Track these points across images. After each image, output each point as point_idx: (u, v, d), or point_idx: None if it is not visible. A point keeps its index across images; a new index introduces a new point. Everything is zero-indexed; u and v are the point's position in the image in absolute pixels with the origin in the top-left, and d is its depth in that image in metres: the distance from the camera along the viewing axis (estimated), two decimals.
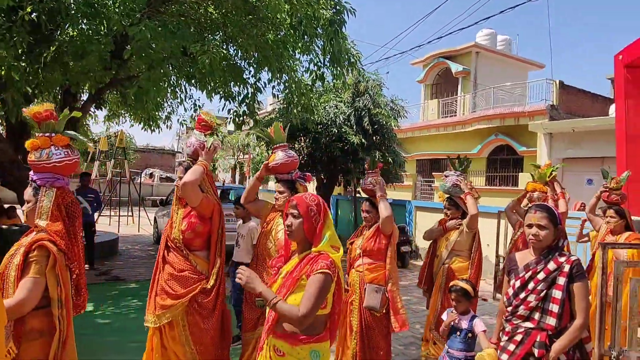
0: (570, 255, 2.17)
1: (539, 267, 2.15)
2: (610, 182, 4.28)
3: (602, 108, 14.74)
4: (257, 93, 6.49)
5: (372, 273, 3.26)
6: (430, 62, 19.07)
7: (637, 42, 5.42)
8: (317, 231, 1.88)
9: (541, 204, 2.31)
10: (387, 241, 3.27)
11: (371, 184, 3.47)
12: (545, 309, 2.11)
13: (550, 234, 2.15)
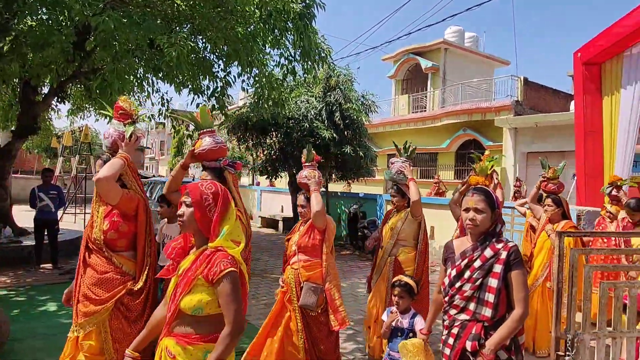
0: (508, 241, 2.04)
1: (475, 254, 2.03)
2: (548, 172, 4.40)
3: (563, 104, 15.33)
4: (226, 87, 6.41)
5: (308, 271, 3.10)
6: (401, 58, 19.31)
7: (594, 40, 5.67)
8: (212, 223, 1.71)
9: (479, 187, 2.21)
10: (322, 237, 3.12)
11: (306, 178, 3.27)
12: (481, 299, 1.99)
13: (488, 218, 2.02)
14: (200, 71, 6.02)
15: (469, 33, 19.96)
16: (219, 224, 1.72)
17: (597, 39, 5.61)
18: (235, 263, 1.67)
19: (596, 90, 5.90)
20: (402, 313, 2.95)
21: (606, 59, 5.70)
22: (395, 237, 3.67)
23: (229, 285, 1.63)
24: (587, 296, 2.48)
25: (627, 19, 4.98)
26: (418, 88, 19.09)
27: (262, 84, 6.49)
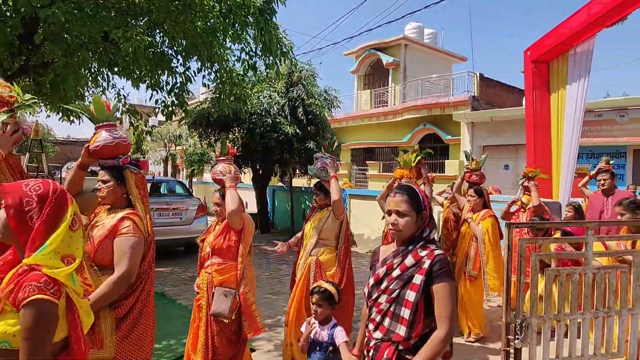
0: (435, 248, 1.76)
1: (395, 262, 1.75)
2: (471, 164, 4.62)
3: (517, 99, 16.02)
4: (186, 82, 6.28)
5: (222, 275, 2.87)
6: (362, 53, 19.52)
7: (542, 39, 5.98)
8: (33, 233, 1.33)
9: (403, 185, 1.90)
10: (238, 237, 2.89)
11: (220, 173, 3.03)
12: (396, 314, 1.70)
13: (412, 222, 1.75)
14: (159, 66, 5.86)
15: (428, 29, 20.44)
16: (41, 235, 1.33)
17: (544, 39, 5.91)
18: (48, 289, 1.28)
19: (544, 87, 6.23)
20: (322, 323, 2.68)
21: (553, 58, 6.02)
22: (316, 237, 3.46)
23: (28, 317, 1.26)
24: (534, 283, 2.65)
25: (571, 21, 5.28)
26: (380, 83, 19.38)
27: (223, 79, 6.40)
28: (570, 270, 2.75)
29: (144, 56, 4.97)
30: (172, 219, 7.95)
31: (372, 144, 17.57)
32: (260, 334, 2.96)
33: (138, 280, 2.28)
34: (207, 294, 2.87)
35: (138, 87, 6.00)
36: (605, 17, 4.75)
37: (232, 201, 2.82)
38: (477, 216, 4.35)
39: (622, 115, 10.83)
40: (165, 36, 5.96)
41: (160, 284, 6.37)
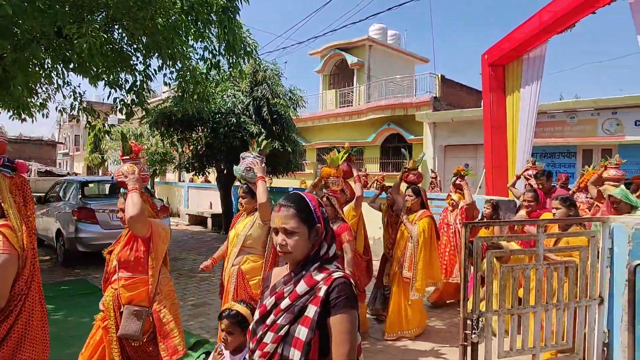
0: (335, 269, 1.41)
1: (286, 290, 1.41)
2: (408, 163, 4.63)
3: (477, 100, 16.59)
4: (146, 81, 6.10)
5: (130, 291, 2.56)
6: (327, 53, 19.63)
7: (498, 44, 6.22)
8: None
9: (291, 195, 1.49)
10: (147, 247, 2.58)
11: (123, 175, 2.73)
12: (285, 357, 1.35)
13: (304, 240, 1.40)
14: (117, 64, 5.66)
15: (392, 31, 20.80)
16: None
17: (500, 43, 6.16)
18: None
19: (500, 89, 6.49)
20: (234, 352, 2.24)
21: (509, 61, 6.29)
22: (240, 244, 3.16)
23: None
24: (490, 279, 2.77)
25: (525, 27, 5.53)
26: (344, 83, 19.55)
27: (186, 78, 6.27)
28: (523, 267, 2.89)
29: (100, 53, 4.78)
30: None
31: (337, 143, 17.66)
32: (180, 356, 2.56)
33: (12, 303, 2.01)
34: (114, 313, 2.57)
35: (96, 85, 5.77)
36: (554, 25, 5.01)
37: (132, 206, 2.48)
38: (413, 216, 4.30)
39: (572, 117, 11.44)
40: (124, 33, 5.77)
41: None
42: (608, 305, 3.08)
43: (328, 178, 3.94)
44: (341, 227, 3.71)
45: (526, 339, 2.93)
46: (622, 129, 10.66)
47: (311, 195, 1.53)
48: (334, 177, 3.92)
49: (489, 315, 2.77)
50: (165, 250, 2.69)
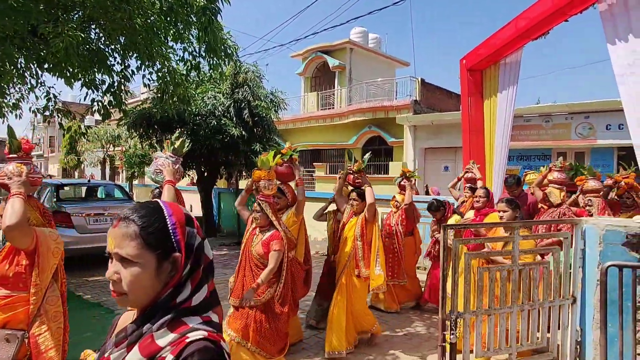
0: (194, 328, 0.92)
1: (113, 356, 0.94)
2: (353, 166, 4.36)
3: (456, 104, 16.87)
4: (124, 81, 6.00)
5: (6, 312, 2.22)
6: (309, 56, 19.67)
7: (476, 49, 6.34)
8: None
9: (143, 203, 1.04)
10: (31, 261, 2.25)
11: (6, 176, 2.37)
12: None
13: (148, 274, 0.93)
14: (94, 64, 5.55)
15: (373, 34, 20.97)
16: None
17: (478, 48, 6.27)
18: None
19: (478, 94, 6.60)
20: None
21: (486, 66, 6.41)
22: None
23: None
24: (467, 280, 2.82)
25: (502, 32, 5.65)
26: (326, 86, 19.61)
27: (165, 79, 6.19)
28: (499, 268, 2.95)
29: (77, 53, 4.68)
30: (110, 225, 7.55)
31: (319, 145, 17.75)
32: None
33: None
34: None
35: (71, 85, 5.64)
36: (530, 31, 5.13)
37: (11, 213, 2.13)
38: (356, 220, 4.12)
39: (547, 121, 11.74)
40: (101, 32, 5.66)
41: (97, 294, 6.05)
42: (580, 304, 3.18)
43: (259, 182, 3.53)
44: (272, 235, 3.40)
45: (502, 339, 3.00)
46: (594, 133, 11.00)
47: (175, 206, 1.02)
48: (265, 180, 3.54)
49: (467, 316, 2.82)
50: (56, 264, 2.36)
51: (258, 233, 3.50)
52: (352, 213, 4.24)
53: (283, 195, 4.14)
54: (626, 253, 2.95)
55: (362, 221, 4.09)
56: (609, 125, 10.69)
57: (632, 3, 3.65)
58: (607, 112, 10.60)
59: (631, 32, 3.63)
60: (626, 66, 3.66)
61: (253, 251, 3.44)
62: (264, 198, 3.48)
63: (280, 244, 3.35)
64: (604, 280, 2.53)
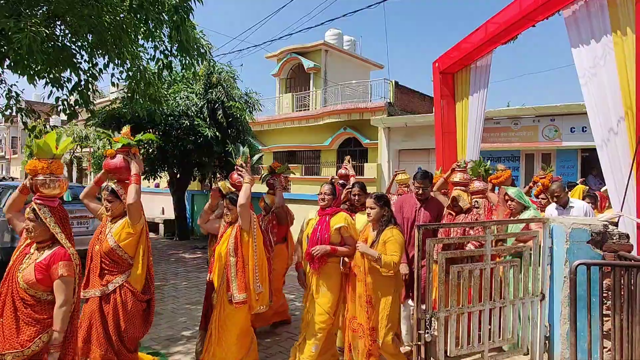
0: None
1: None
2: (239, 159, 3.81)
3: (429, 106, 17.17)
4: (92, 80, 5.81)
5: None
6: (284, 57, 19.62)
7: (448, 52, 6.46)
8: None
9: None
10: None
11: None
12: None
13: None
14: (59, 61, 5.35)
15: (347, 36, 21.11)
16: None
17: (450, 52, 6.40)
18: None
19: (450, 96, 6.74)
20: None
21: (458, 69, 6.55)
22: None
23: None
24: (442, 279, 2.86)
25: (473, 36, 5.79)
26: (301, 87, 19.61)
27: (136, 78, 6.02)
28: (472, 267, 3.01)
29: (40, 50, 4.50)
30: (77, 229, 7.30)
31: (294, 147, 17.71)
32: None
33: None
34: None
35: (35, 83, 5.41)
36: (499, 36, 5.27)
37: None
38: (230, 231, 3.41)
39: (515, 123, 12.10)
40: (66, 29, 5.46)
41: None
42: (549, 300, 3.27)
43: (35, 176, 2.47)
44: (54, 255, 2.36)
45: (475, 336, 3.05)
46: (559, 135, 11.40)
47: None
48: (44, 174, 2.47)
49: (441, 314, 2.86)
50: None
51: (33, 251, 2.43)
52: (227, 224, 3.49)
53: (116, 199, 3.11)
54: (591, 250, 3.06)
55: (237, 232, 3.30)
56: (573, 128, 11.11)
57: (593, 10, 3.80)
58: (571, 115, 11.02)
59: (593, 37, 3.78)
60: (588, 69, 3.81)
61: (19, 278, 2.33)
62: (41, 199, 2.45)
63: (71, 268, 2.35)
64: (574, 278, 2.61)
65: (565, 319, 3.13)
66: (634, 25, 3.26)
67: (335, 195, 3.56)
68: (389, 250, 3.02)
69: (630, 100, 3.28)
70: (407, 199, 4.20)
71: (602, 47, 3.65)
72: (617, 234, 3.06)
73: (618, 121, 3.43)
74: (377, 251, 3.04)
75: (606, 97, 3.57)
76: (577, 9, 3.94)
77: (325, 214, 3.45)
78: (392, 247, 3.03)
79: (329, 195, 3.50)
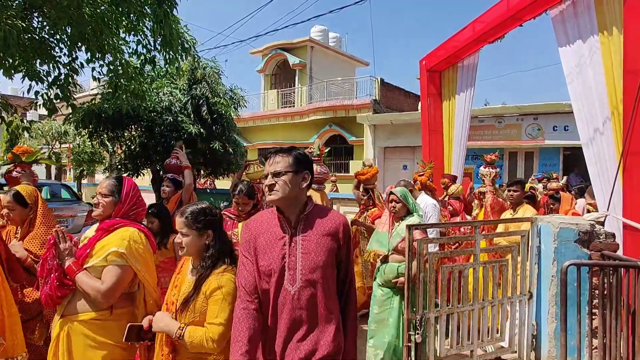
0: None
1: None
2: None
3: (413, 104, 17.25)
4: (72, 74, 5.62)
5: None
6: (269, 53, 19.45)
7: (435, 51, 6.47)
8: None
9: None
10: None
11: None
12: None
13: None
14: (37, 55, 5.16)
15: (333, 33, 21.04)
16: None
17: (437, 50, 6.41)
18: None
19: (437, 95, 6.75)
20: None
21: (445, 68, 6.56)
22: None
23: None
24: (432, 280, 2.84)
25: (459, 35, 5.80)
26: (286, 83, 19.48)
27: (118, 73, 5.86)
28: (461, 267, 3.00)
29: (17, 43, 4.32)
30: None
31: (279, 144, 17.58)
32: None
33: None
34: None
35: (11, 77, 5.21)
36: (486, 35, 5.29)
37: None
38: None
39: (499, 122, 12.24)
40: (45, 21, 5.27)
41: None
42: (536, 299, 3.29)
43: None
44: None
45: (465, 336, 3.04)
46: (542, 134, 11.58)
47: None
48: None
49: (432, 315, 2.85)
50: None
51: None
52: None
53: None
54: (578, 249, 3.08)
55: None
56: (556, 126, 11.30)
57: (580, 10, 3.83)
58: (554, 114, 11.20)
59: (580, 37, 3.81)
60: (575, 68, 3.84)
61: None
62: None
63: None
64: (565, 279, 2.62)
65: (552, 317, 3.15)
66: (620, 26, 3.29)
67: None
68: None
69: (616, 100, 3.32)
70: None
71: (588, 46, 3.67)
72: (604, 233, 3.08)
73: (604, 121, 3.46)
74: None
75: (592, 96, 3.60)
76: (564, 9, 3.96)
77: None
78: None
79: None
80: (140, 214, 2.31)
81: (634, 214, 2.99)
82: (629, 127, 2.96)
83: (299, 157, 1.76)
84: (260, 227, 1.77)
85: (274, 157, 1.75)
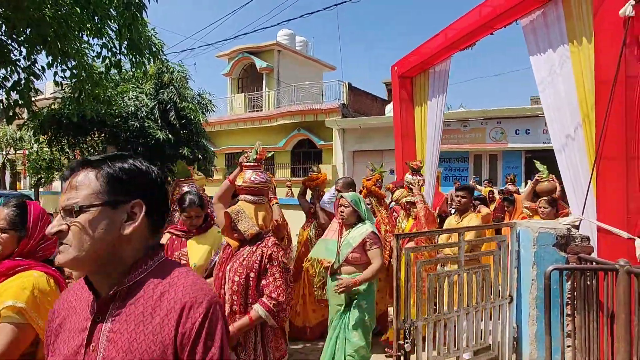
0: None
1: None
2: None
3: (380, 108, 17.48)
4: (32, 79, 5.30)
5: None
6: (236, 56, 19.19)
7: (407, 57, 6.56)
8: None
9: None
10: None
11: None
12: None
13: None
14: None
15: (300, 37, 21.04)
16: None
17: (409, 56, 6.49)
18: None
19: (409, 100, 6.84)
20: None
21: (416, 74, 6.66)
22: None
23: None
24: (419, 288, 2.84)
25: (431, 42, 5.90)
26: (254, 87, 19.28)
27: (81, 78, 5.58)
28: (447, 273, 3.02)
29: None
30: None
31: (247, 148, 17.24)
32: None
33: None
34: None
35: None
36: (458, 42, 5.40)
37: None
38: None
39: (464, 126, 12.59)
40: (3, 23, 4.94)
41: None
42: (517, 302, 3.37)
43: None
44: None
45: (451, 342, 3.07)
46: (505, 137, 12.01)
47: None
48: None
49: (420, 323, 2.85)
50: None
51: None
52: None
53: None
54: (556, 253, 3.18)
55: None
56: (518, 130, 11.74)
57: (550, 20, 3.97)
58: (516, 119, 11.63)
59: (550, 47, 3.95)
60: (546, 77, 3.97)
61: None
62: None
63: None
64: (548, 283, 2.68)
65: (533, 319, 3.23)
66: (590, 36, 3.42)
67: None
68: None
69: (587, 108, 3.45)
70: None
71: (558, 56, 3.81)
72: (579, 237, 3.20)
73: (575, 128, 3.59)
74: None
75: (563, 104, 3.73)
76: (534, 19, 4.10)
77: None
78: None
79: None
80: (50, 248, 1.77)
81: (607, 217, 3.11)
82: (602, 134, 3.09)
83: (118, 173, 0.99)
84: (70, 305, 1.06)
85: (72, 176, 0.99)
